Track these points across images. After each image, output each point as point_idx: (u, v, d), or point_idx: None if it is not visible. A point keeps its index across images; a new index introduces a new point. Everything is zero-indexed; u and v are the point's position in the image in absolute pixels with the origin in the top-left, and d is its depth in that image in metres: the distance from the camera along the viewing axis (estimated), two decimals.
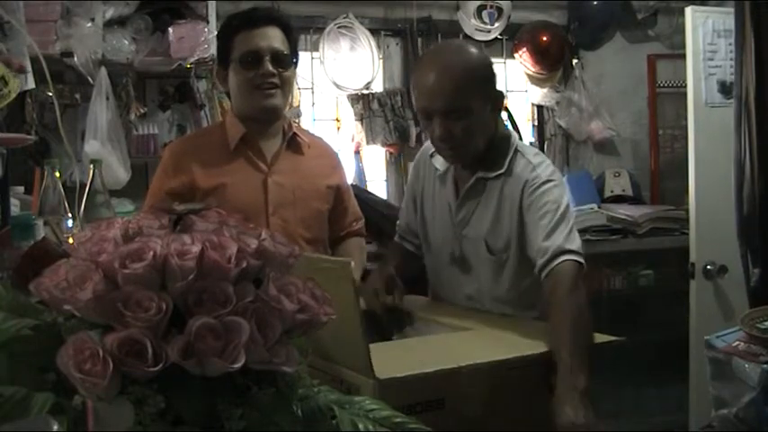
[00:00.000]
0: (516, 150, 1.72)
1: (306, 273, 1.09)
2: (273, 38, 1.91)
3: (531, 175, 1.66)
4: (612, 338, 1.37)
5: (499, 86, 1.73)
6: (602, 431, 1.34)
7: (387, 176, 3.71)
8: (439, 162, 1.82)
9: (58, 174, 1.75)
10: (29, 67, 2.19)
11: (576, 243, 1.58)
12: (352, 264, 1.10)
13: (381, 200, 3.24)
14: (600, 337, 1.39)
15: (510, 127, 2.08)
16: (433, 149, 1.81)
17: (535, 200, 1.63)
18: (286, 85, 1.95)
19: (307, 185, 1.97)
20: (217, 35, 2.10)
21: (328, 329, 0.76)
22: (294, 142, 2.01)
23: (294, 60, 1.98)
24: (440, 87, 1.63)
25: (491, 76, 1.70)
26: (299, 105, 3.42)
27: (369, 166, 3.63)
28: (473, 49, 1.75)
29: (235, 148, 1.95)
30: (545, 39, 3.78)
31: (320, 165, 2.04)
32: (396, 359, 1.14)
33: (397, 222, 2.02)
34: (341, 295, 1.07)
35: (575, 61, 3.92)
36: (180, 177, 1.92)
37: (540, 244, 1.59)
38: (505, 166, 1.70)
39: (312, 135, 2.18)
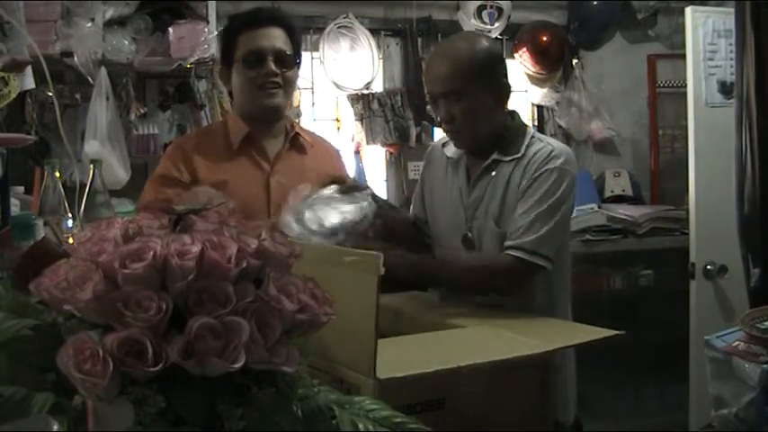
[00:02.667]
0: (533, 137, 1.80)
1: (329, 265, 1.12)
2: (277, 38, 1.92)
3: (551, 155, 1.73)
4: (613, 332, 1.37)
5: (506, 80, 1.80)
6: None
7: (387, 176, 3.71)
8: (451, 150, 1.89)
9: (58, 174, 1.75)
10: (29, 67, 2.19)
11: (541, 244, 1.67)
12: (381, 258, 1.09)
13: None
14: (600, 332, 1.39)
15: None
16: (446, 140, 1.90)
17: (539, 177, 1.72)
18: (288, 85, 1.95)
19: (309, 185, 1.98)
20: (220, 35, 2.10)
21: (337, 323, 0.76)
22: (296, 142, 2.02)
23: (297, 61, 1.99)
24: (439, 71, 1.76)
25: (494, 66, 1.78)
26: (298, 105, 3.42)
27: (369, 166, 3.63)
28: (481, 40, 1.85)
29: (238, 147, 1.96)
30: (545, 39, 3.78)
31: (322, 164, 2.03)
32: (396, 359, 1.14)
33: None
34: (361, 289, 1.07)
35: (575, 61, 3.91)
36: (186, 170, 1.92)
37: (515, 223, 1.70)
38: (522, 151, 1.77)
39: (314, 134, 2.18)
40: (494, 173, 1.79)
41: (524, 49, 3.79)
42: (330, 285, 0.78)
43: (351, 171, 3.42)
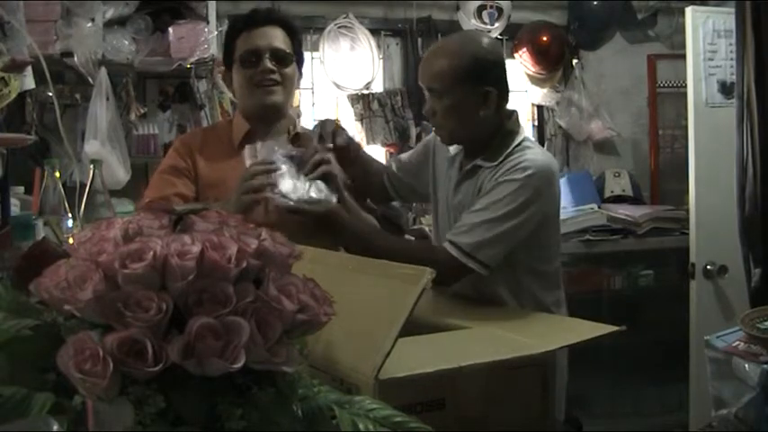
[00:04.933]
0: (519, 145, 1.76)
1: (376, 275, 1.17)
2: (274, 37, 1.93)
3: (518, 166, 1.70)
4: (612, 328, 1.36)
5: (494, 86, 1.76)
6: None
7: None
8: (452, 147, 1.89)
9: (57, 174, 1.76)
10: (29, 67, 2.19)
11: (478, 249, 1.67)
12: (431, 273, 1.09)
13: None
14: (600, 328, 1.38)
15: None
16: None
17: (500, 184, 1.70)
18: (287, 82, 1.95)
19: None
20: (224, 38, 2.12)
21: (354, 326, 0.76)
22: (297, 142, 2.02)
23: (297, 59, 1.99)
24: (427, 67, 1.81)
25: (481, 71, 1.75)
26: (298, 105, 3.42)
27: None
28: (477, 43, 1.81)
29: (239, 145, 1.96)
30: (545, 39, 3.79)
31: None
32: (396, 359, 1.14)
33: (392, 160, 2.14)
34: (399, 297, 1.08)
35: (575, 61, 3.92)
36: (191, 164, 1.94)
37: (462, 219, 1.71)
38: (501, 159, 1.75)
39: None
40: (474, 178, 1.79)
41: (524, 49, 3.79)
42: (367, 291, 0.77)
43: None
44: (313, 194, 1.66)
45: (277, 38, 1.93)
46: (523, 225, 1.68)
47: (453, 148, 1.88)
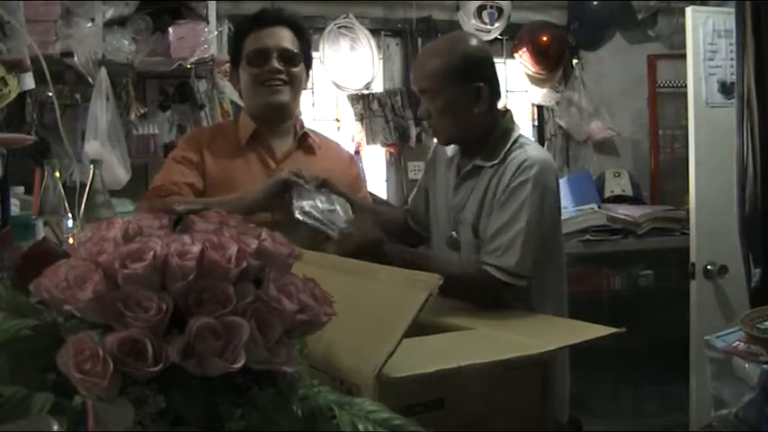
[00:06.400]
0: (516, 142, 1.78)
1: (385, 282, 1.18)
2: (282, 38, 1.93)
3: (523, 165, 1.71)
4: (612, 329, 1.37)
5: (486, 83, 1.78)
6: None
7: (387, 176, 3.72)
8: (450, 148, 1.91)
9: (57, 174, 1.76)
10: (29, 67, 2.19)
11: (522, 265, 1.67)
12: (440, 280, 1.10)
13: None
14: (600, 329, 1.39)
15: None
16: None
17: (514, 191, 1.70)
18: (295, 82, 1.96)
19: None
20: (230, 38, 2.13)
21: (356, 327, 0.76)
22: (304, 142, 2.02)
23: (305, 60, 1.99)
24: (418, 69, 1.84)
25: (471, 69, 1.77)
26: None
27: (369, 166, 3.63)
28: (465, 42, 1.84)
29: (246, 144, 1.97)
30: (545, 39, 3.79)
31: (332, 167, 2.02)
32: (395, 359, 1.14)
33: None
34: (406, 301, 1.08)
35: (575, 61, 3.92)
36: (199, 158, 1.94)
37: (494, 239, 1.69)
38: (501, 157, 1.76)
39: (325, 137, 2.19)
40: (475, 178, 1.79)
41: (524, 50, 3.79)
42: (371, 294, 0.76)
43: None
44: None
45: (285, 38, 1.94)
46: (544, 222, 1.72)
47: (451, 150, 1.89)
